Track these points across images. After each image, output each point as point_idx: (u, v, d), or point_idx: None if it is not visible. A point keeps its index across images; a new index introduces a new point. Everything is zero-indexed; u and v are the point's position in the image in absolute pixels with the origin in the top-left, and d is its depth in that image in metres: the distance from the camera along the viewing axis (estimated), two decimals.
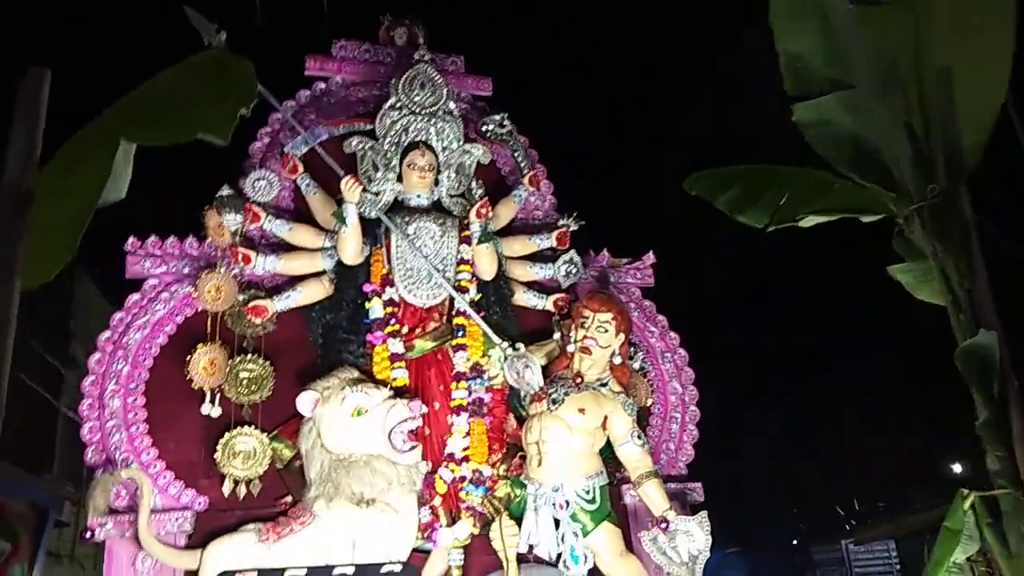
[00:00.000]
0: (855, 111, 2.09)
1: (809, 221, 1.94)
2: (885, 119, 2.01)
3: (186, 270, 3.62)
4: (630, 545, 3.43)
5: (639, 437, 3.38)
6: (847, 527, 13.34)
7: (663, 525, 3.18)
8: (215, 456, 3.29)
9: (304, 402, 3.14)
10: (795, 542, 15.99)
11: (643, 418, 3.87)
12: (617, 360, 3.52)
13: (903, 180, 2.02)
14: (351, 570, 2.24)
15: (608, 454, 3.49)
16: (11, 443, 5.84)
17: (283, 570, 2.25)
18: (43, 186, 1.28)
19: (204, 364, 3.35)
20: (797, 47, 2.08)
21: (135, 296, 3.55)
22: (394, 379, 3.37)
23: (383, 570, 2.23)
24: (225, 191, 3.53)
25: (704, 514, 3.21)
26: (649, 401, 3.91)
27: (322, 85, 4.20)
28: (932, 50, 2.00)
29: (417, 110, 3.76)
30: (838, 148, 2.06)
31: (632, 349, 3.85)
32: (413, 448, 3.11)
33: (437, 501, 3.28)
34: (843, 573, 13.61)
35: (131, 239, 3.61)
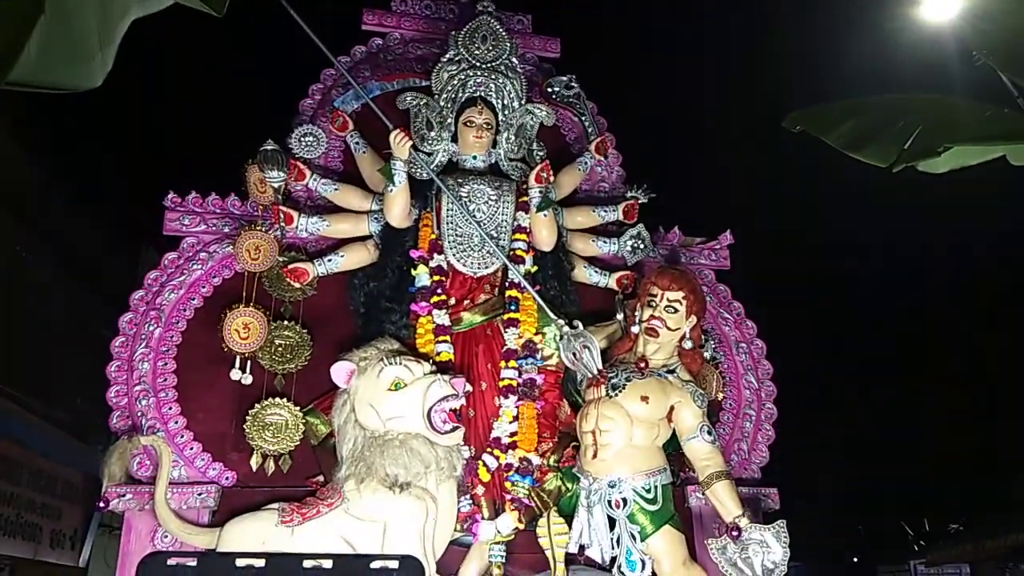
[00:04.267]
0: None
1: (947, 162, 1.54)
2: None
3: (226, 229, 3.43)
4: (694, 553, 3.05)
5: (709, 432, 3.00)
6: (917, 547, 12.53)
7: (734, 533, 2.80)
8: (245, 428, 3.07)
9: (339, 372, 2.88)
10: (855, 559, 15.17)
11: (713, 413, 3.48)
12: (687, 345, 3.15)
13: None
14: (328, 563, 1.90)
15: (673, 450, 3.11)
16: (66, 413, 5.83)
17: (233, 555, 1.95)
18: None
19: (238, 327, 3.13)
20: None
21: (172, 255, 3.37)
22: (438, 353, 3.07)
23: (373, 565, 1.87)
24: (269, 145, 3.31)
25: (782, 523, 2.81)
26: (721, 395, 3.51)
27: (379, 41, 3.98)
28: None
29: (477, 64, 3.46)
30: (1006, 50, 1.64)
31: (703, 336, 3.46)
32: (454, 429, 2.81)
33: (479, 490, 2.97)
34: None
35: (171, 194, 3.43)
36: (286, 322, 3.26)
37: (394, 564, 1.92)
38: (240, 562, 1.92)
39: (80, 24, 1.07)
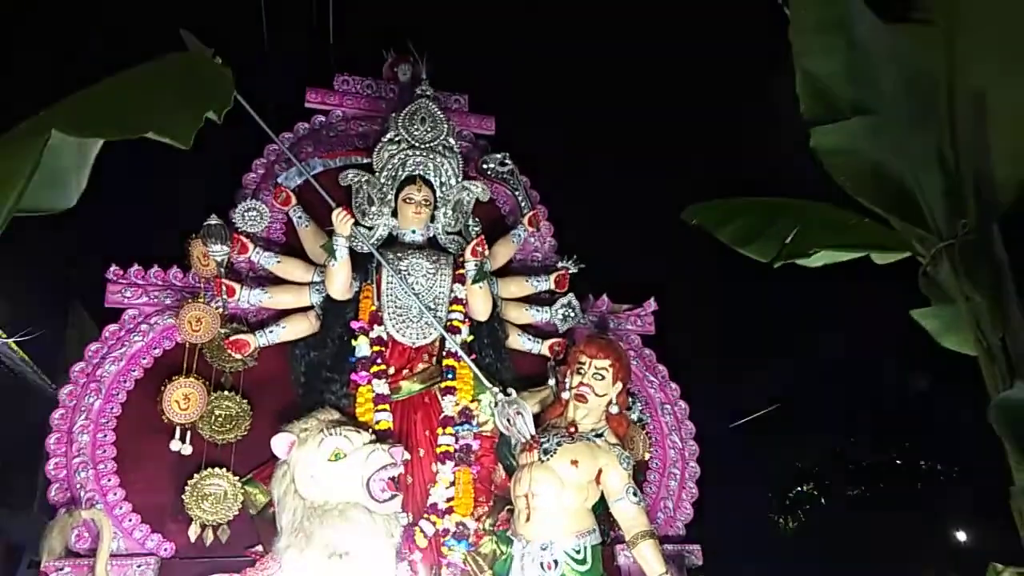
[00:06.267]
0: (880, 138, 1.94)
1: (821, 258, 1.79)
2: (913, 148, 1.85)
3: (168, 301, 3.49)
4: None
5: (635, 493, 3.18)
6: None
7: None
8: (184, 499, 3.11)
9: (279, 444, 2.96)
10: None
11: (641, 473, 3.68)
12: (614, 410, 3.34)
13: (931, 215, 1.87)
14: None
15: (602, 510, 3.28)
16: None
17: None
18: None
19: (177, 398, 3.20)
20: (818, 66, 1.93)
21: (113, 327, 3.42)
22: (377, 422, 3.19)
23: None
24: (212, 220, 3.41)
25: None
26: (647, 455, 3.71)
27: (321, 118, 4.15)
28: (966, 74, 1.86)
29: (416, 144, 3.66)
30: (859, 179, 1.91)
31: (631, 399, 3.67)
32: (393, 497, 2.91)
33: (417, 556, 3.06)
34: None
35: (113, 267, 3.50)
36: (226, 392, 3.33)
37: None
38: None
39: (60, 160, 1.20)
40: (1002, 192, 1.80)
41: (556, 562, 3.02)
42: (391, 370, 3.34)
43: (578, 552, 3.04)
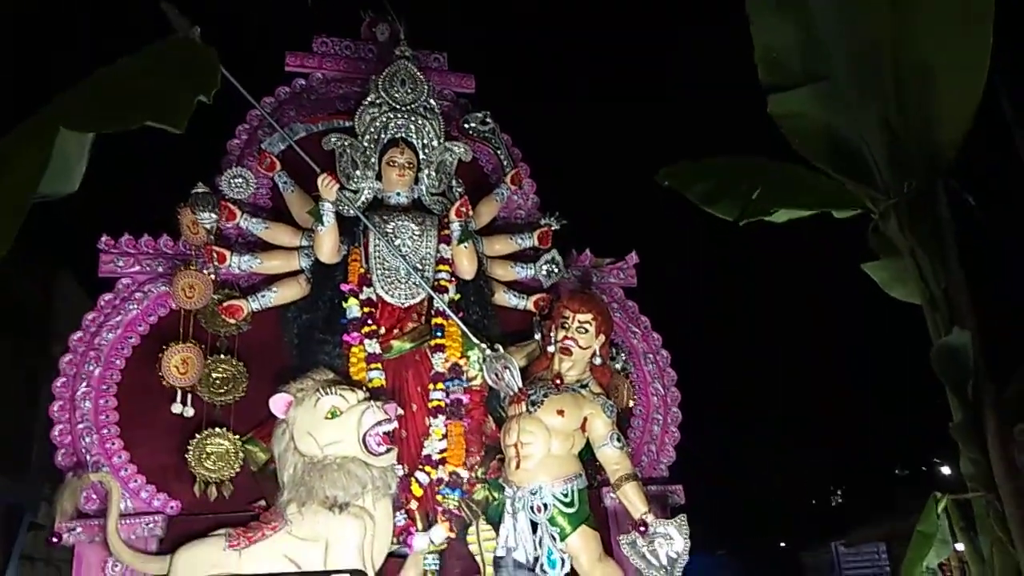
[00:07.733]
0: (831, 104, 2.07)
1: (782, 216, 1.92)
2: (862, 112, 1.98)
3: (160, 269, 3.56)
4: (612, 549, 3.38)
5: (618, 439, 3.34)
6: (837, 529, 13.37)
7: (641, 528, 3.14)
8: (187, 458, 3.24)
9: (277, 404, 3.08)
10: (783, 544, 16.05)
11: (625, 420, 3.83)
12: (597, 361, 3.48)
13: (880, 175, 2.00)
14: None
15: (588, 456, 3.44)
16: None
17: None
18: None
19: (176, 363, 3.29)
20: (773, 37, 2.06)
21: (108, 295, 3.50)
22: (370, 380, 3.31)
23: None
24: (200, 188, 3.46)
25: (683, 517, 3.17)
26: (631, 403, 3.86)
27: (302, 82, 4.16)
28: (911, 42, 1.98)
29: (397, 107, 3.71)
30: (814, 142, 2.04)
31: (614, 350, 3.81)
32: (388, 451, 3.06)
33: (413, 505, 3.22)
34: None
35: (104, 237, 3.55)
36: (222, 356, 3.43)
37: None
38: None
39: (64, 150, 1.28)
40: (946, 152, 1.92)
41: (545, 505, 3.19)
42: (382, 330, 3.44)
43: (566, 496, 3.21)
